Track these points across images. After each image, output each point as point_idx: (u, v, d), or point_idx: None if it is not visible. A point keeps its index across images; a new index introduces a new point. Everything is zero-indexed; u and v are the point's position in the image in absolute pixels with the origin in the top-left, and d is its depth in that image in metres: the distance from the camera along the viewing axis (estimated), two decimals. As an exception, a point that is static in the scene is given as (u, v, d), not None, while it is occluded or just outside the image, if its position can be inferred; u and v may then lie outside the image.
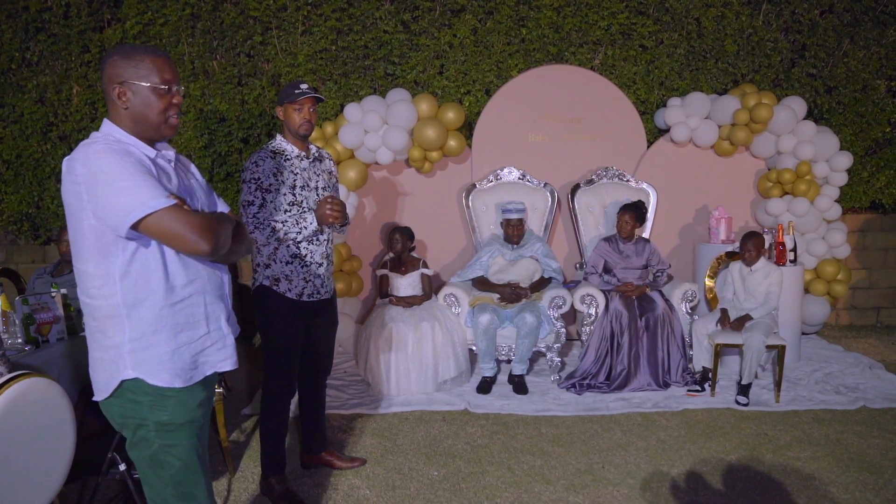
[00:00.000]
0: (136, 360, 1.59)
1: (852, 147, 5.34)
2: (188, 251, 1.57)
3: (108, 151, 1.52)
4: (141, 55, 1.61)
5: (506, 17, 5.09)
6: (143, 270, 1.57)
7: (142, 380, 1.60)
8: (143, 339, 1.59)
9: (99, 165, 1.50)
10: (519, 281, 4.32)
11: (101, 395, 1.64)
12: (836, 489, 2.83)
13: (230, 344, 1.76)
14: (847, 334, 5.49)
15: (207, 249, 1.55)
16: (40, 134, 5.16)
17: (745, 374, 3.84)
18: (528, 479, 2.95)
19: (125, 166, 1.51)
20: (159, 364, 1.60)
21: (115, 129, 1.62)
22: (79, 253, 1.58)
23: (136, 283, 1.57)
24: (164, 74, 1.62)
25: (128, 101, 1.61)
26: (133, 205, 1.48)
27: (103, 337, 1.61)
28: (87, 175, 1.50)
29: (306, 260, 2.67)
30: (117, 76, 1.60)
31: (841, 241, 5.10)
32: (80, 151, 1.55)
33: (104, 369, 1.62)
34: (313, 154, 2.76)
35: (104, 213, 1.50)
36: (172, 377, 1.62)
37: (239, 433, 3.51)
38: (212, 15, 4.99)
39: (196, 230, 1.53)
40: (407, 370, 3.99)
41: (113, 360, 1.60)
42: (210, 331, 1.70)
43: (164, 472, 1.66)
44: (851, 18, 5.29)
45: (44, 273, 3.88)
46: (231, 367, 1.77)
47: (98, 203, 1.50)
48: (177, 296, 1.62)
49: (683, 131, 4.97)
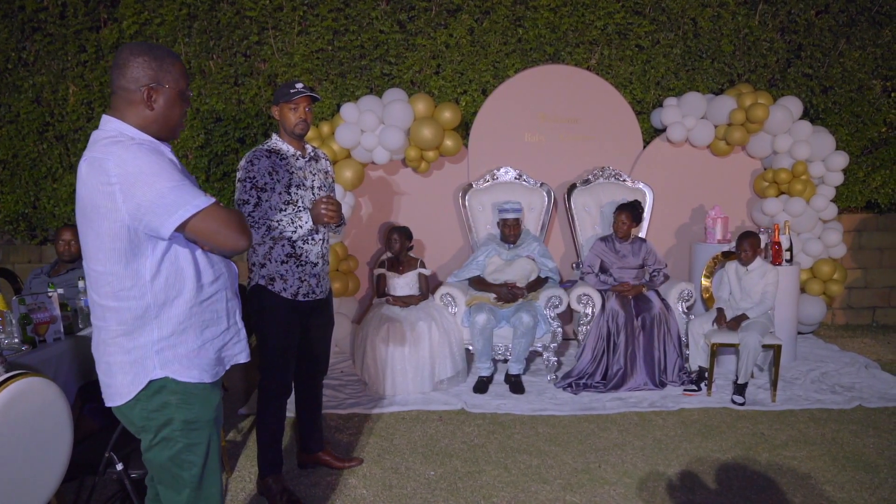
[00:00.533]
0: (164, 360, 1.59)
1: (848, 147, 5.35)
2: (227, 248, 1.60)
3: (143, 151, 1.50)
4: (171, 59, 1.62)
5: (502, 17, 5.09)
6: (173, 270, 1.58)
7: (171, 378, 1.60)
8: (172, 337, 1.60)
9: (137, 164, 1.47)
10: (515, 281, 4.32)
11: (121, 399, 1.61)
12: (831, 488, 2.85)
13: (244, 337, 1.81)
14: (843, 334, 5.51)
15: (246, 245, 1.60)
16: (36, 134, 5.15)
17: (742, 373, 3.85)
18: (524, 478, 2.96)
19: (163, 166, 1.50)
20: (188, 361, 1.62)
21: (128, 128, 1.58)
22: (105, 255, 1.52)
23: (167, 283, 1.57)
24: (186, 80, 1.66)
25: (155, 102, 1.60)
26: (178, 204, 1.48)
27: (128, 340, 1.58)
28: (123, 175, 1.46)
29: (301, 259, 2.67)
30: (149, 77, 1.58)
31: (837, 241, 5.12)
32: (107, 151, 1.49)
33: (125, 372, 1.59)
34: (309, 153, 2.76)
35: (145, 213, 1.47)
36: (201, 373, 1.64)
37: (236, 433, 3.51)
38: (208, 15, 4.99)
39: (236, 228, 1.57)
40: (404, 370, 3.99)
41: (137, 361, 1.58)
42: (229, 325, 1.74)
43: (185, 473, 1.66)
44: (847, 19, 5.30)
45: (40, 273, 3.87)
46: (246, 359, 1.81)
47: (139, 204, 1.46)
48: (205, 293, 1.64)
49: (680, 131, 4.98)
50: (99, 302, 1.59)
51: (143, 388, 1.59)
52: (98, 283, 1.57)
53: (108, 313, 1.58)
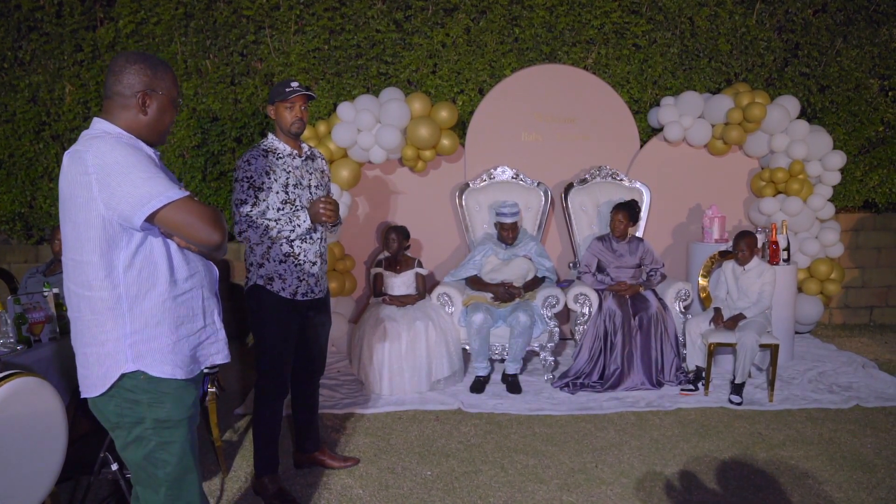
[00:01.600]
0: (137, 353, 1.61)
1: (845, 146, 5.35)
2: (199, 242, 1.60)
3: (120, 145, 1.56)
4: (164, 68, 1.70)
5: (499, 17, 5.09)
6: (147, 263, 1.60)
7: (143, 373, 1.61)
8: (146, 331, 1.61)
9: (113, 156, 1.53)
10: (512, 280, 4.32)
11: (95, 390, 1.63)
12: (829, 488, 2.84)
13: (222, 338, 1.81)
14: (840, 333, 5.51)
15: (218, 240, 1.60)
16: (33, 133, 5.13)
17: (739, 373, 3.85)
18: (521, 478, 2.95)
19: (139, 159, 1.56)
20: (161, 356, 1.63)
21: (112, 127, 1.65)
22: (80, 244, 1.57)
23: (140, 276, 1.60)
24: (178, 88, 1.74)
25: (149, 107, 1.67)
26: (151, 195, 1.52)
27: (100, 331, 1.60)
28: (99, 166, 1.52)
29: (300, 259, 2.66)
30: (143, 83, 1.66)
31: (834, 241, 5.12)
32: (88, 144, 1.56)
33: (100, 364, 1.61)
34: (305, 153, 2.76)
35: (118, 202, 1.51)
36: (174, 368, 1.65)
37: (232, 433, 3.50)
38: (205, 14, 4.97)
39: (209, 221, 1.58)
40: (400, 369, 3.98)
41: (110, 353, 1.60)
42: (206, 325, 1.75)
43: (160, 472, 1.67)
44: (844, 18, 5.31)
45: (36, 272, 3.87)
46: (223, 360, 1.81)
47: (112, 193, 1.51)
48: (179, 289, 1.66)
49: (677, 130, 4.98)
50: (75, 291, 1.61)
51: (115, 383, 1.60)
52: (74, 272, 1.60)
53: (83, 302, 1.60)
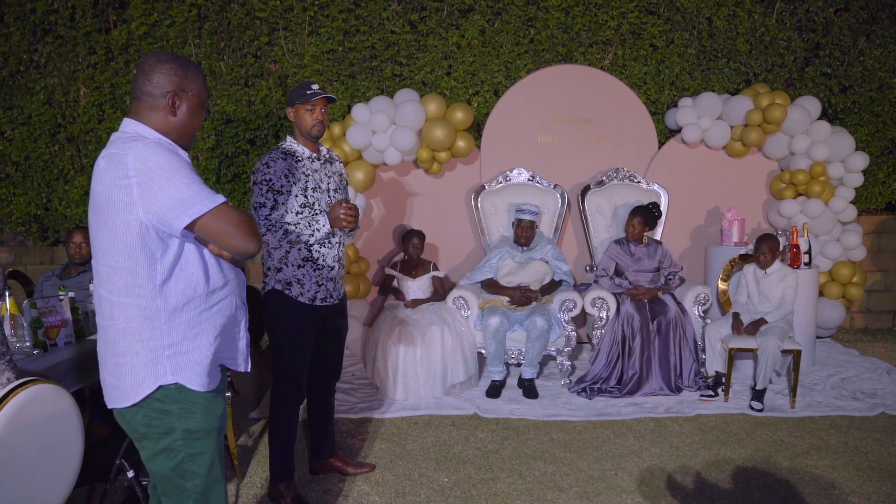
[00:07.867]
0: (176, 365, 1.58)
1: (868, 147, 5.26)
2: (236, 250, 1.58)
3: (161, 149, 1.53)
4: (195, 69, 1.67)
5: (514, 18, 5.04)
6: (185, 271, 1.58)
7: (180, 385, 1.59)
8: (184, 343, 1.59)
9: (156, 161, 1.50)
10: (529, 283, 4.27)
11: (126, 401, 1.59)
12: (857, 499, 2.77)
13: (246, 346, 1.80)
14: (862, 338, 5.41)
15: (255, 250, 1.59)
16: (48, 136, 5.15)
17: (760, 379, 3.77)
18: (539, 486, 2.90)
19: (180, 164, 1.53)
20: (200, 368, 1.61)
21: (147, 130, 1.61)
22: (116, 250, 1.52)
23: (178, 284, 1.57)
24: (207, 90, 1.71)
25: (179, 108, 1.63)
26: (193, 200, 1.49)
27: (136, 340, 1.56)
28: (141, 170, 1.48)
29: (318, 263, 2.62)
30: (174, 84, 1.62)
31: (856, 244, 5.02)
32: (126, 147, 1.51)
33: (134, 374, 1.57)
34: (324, 155, 2.72)
35: (159, 207, 1.48)
36: (210, 381, 1.63)
37: (247, 437, 3.48)
38: (218, 16, 4.97)
39: (246, 230, 1.56)
40: (415, 374, 3.94)
41: (146, 364, 1.56)
42: (236, 334, 1.74)
43: (188, 484, 1.64)
44: (868, 16, 5.21)
45: (52, 276, 3.85)
46: (244, 369, 1.79)
47: (154, 197, 1.48)
48: (214, 298, 1.63)
49: (695, 132, 4.91)
50: (108, 298, 1.57)
51: (151, 392, 1.57)
52: (109, 278, 1.56)
53: (117, 310, 1.56)
